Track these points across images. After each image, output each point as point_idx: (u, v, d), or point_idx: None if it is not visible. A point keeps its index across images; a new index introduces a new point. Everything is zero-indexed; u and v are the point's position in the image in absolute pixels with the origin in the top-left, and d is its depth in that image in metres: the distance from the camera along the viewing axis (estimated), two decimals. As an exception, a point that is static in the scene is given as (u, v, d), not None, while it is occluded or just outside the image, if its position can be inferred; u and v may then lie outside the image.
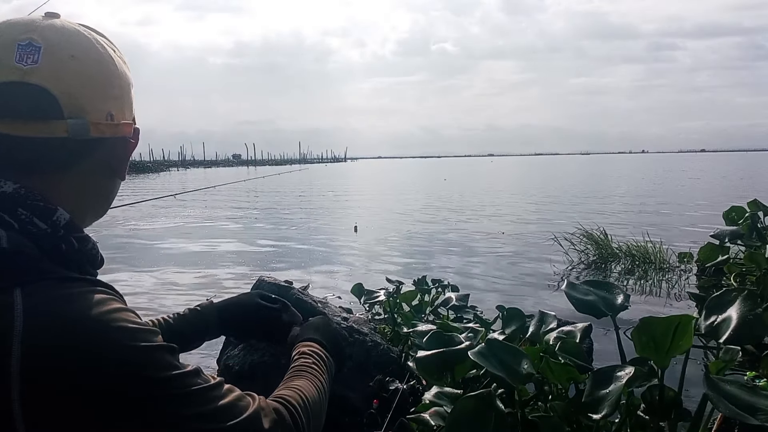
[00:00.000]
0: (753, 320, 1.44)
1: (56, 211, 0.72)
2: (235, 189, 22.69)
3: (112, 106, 0.77)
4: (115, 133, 0.77)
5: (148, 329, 0.68)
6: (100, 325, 0.64)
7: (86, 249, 0.76)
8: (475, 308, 3.37)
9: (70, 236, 0.73)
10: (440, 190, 22.36)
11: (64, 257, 0.71)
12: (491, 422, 1.44)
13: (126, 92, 0.80)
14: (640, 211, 11.98)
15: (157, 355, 0.67)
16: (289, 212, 14.27)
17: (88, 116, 0.73)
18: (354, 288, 3.87)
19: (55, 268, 0.68)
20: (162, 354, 0.67)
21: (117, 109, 0.78)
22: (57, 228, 0.72)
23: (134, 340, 0.65)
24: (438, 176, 39.70)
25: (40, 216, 0.71)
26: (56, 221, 0.72)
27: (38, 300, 0.63)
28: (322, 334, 1.06)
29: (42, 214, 0.71)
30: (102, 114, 0.75)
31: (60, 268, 0.69)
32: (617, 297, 1.75)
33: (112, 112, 0.76)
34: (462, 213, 12.94)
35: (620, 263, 6.29)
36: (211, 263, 7.06)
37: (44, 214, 0.71)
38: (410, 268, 6.42)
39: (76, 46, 0.75)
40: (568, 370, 1.58)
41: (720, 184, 22.70)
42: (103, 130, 0.75)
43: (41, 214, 0.71)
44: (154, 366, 0.66)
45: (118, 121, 0.77)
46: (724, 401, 1.22)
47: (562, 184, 26.46)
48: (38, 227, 0.70)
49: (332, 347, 1.05)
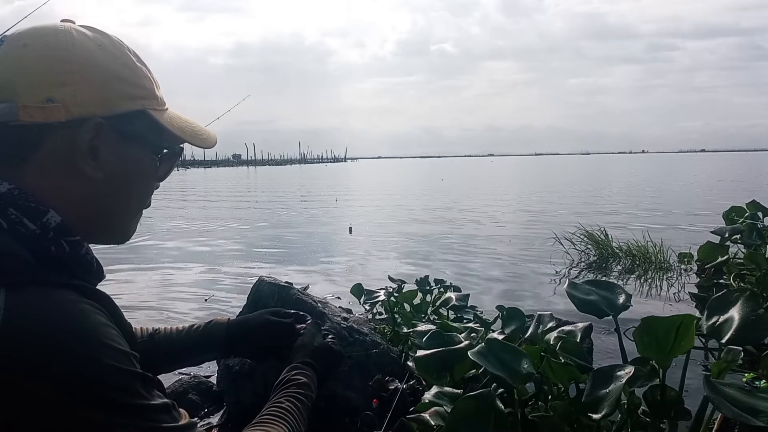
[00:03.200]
0: (755, 321, 1.44)
1: (47, 213, 0.71)
2: (236, 189, 22.69)
3: (56, 93, 0.72)
4: (47, 117, 0.71)
5: (124, 351, 0.65)
6: (73, 339, 0.61)
7: (79, 254, 0.74)
8: (475, 308, 3.36)
9: (60, 239, 0.71)
10: (439, 191, 22.35)
11: (54, 261, 0.70)
12: (491, 422, 1.43)
13: (93, 81, 0.75)
14: (639, 213, 11.97)
15: (127, 381, 0.64)
16: (289, 212, 14.27)
17: (21, 100, 0.70)
18: (354, 288, 3.86)
19: (45, 272, 0.66)
20: (133, 381, 0.65)
21: (65, 96, 0.72)
22: (46, 230, 0.70)
23: (106, 358, 0.63)
24: (438, 176, 39.68)
25: (30, 217, 0.69)
26: (46, 223, 0.70)
27: (21, 305, 0.61)
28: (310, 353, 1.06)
29: (32, 216, 0.69)
30: (37, 98, 0.71)
31: (51, 273, 0.67)
32: (619, 297, 1.75)
33: (53, 97, 0.72)
34: (460, 213, 12.93)
35: (620, 263, 6.29)
36: (210, 263, 7.05)
37: (34, 215, 0.70)
38: (409, 268, 6.42)
39: (33, 36, 0.74)
40: (569, 369, 1.57)
41: (717, 186, 22.70)
42: (33, 114, 0.71)
43: (31, 215, 0.69)
44: (122, 391, 0.63)
45: (59, 105, 0.72)
46: (725, 403, 1.21)
47: (562, 184, 26.46)
48: (27, 228, 0.69)
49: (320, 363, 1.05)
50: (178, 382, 3.01)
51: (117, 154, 0.79)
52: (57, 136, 0.73)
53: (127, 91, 0.79)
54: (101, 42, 0.78)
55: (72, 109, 0.73)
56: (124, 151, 0.80)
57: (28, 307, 0.62)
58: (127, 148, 0.80)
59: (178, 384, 2.98)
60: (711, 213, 10.01)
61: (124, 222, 0.85)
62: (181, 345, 1.11)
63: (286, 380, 0.99)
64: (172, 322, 4.41)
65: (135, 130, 0.80)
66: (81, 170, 0.75)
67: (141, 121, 0.81)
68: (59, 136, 0.73)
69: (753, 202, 5.54)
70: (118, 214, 0.83)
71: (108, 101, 0.76)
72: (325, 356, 1.07)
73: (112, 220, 0.83)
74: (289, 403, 0.94)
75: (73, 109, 0.73)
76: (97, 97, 0.75)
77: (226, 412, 2.70)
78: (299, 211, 14.67)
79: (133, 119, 0.80)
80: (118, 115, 0.77)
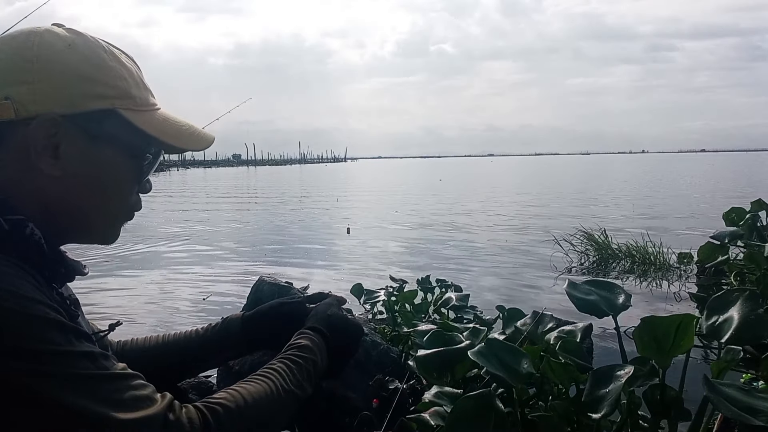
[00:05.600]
0: (755, 321, 1.44)
1: None
2: (235, 189, 22.68)
3: (14, 91, 0.74)
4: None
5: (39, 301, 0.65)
6: None
7: (22, 233, 0.72)
8: (475, 308, 3.36)
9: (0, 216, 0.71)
10: (438, 191, 22.34)
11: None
12: (491, 422, 1.43)
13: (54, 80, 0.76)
14: (639, 213, 11.97)
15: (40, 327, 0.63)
16: (288, 212, 14.27)
17: None
18: (354, 288, 3.86)
19: None
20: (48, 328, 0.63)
21: (23, 94, 0.74)
22: None
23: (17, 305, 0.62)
24: (437, 176, 39.66)
25: None
26: None
27: None
28: (320, 320, 1.02)
29: None
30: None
31: None
32: (619, 297, 1.75)
33: (10, 95, 0.73)
34: (459, 213, 12.93)
35: (620, 263, 6.29)
36: (210, 263, 7.05)
37: None
38: (408, 268, 6.41)
39: (7, 38, 0.77)
40: (569, 369, 1.57)
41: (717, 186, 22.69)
42: None
43: None
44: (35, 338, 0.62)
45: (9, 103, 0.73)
46: (725, 403, 1.21)
47: (562, 184, 26.45)
48: None
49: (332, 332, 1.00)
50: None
51: (83, 153, 0.79)
52: (16, 133, 0.75)
53: (92, 89, 0.78)
54: (72, 41, 0.79)
55: (29, 106, 0.74)
56: (92, 151, 0.79)
57: None
58: (96, 148, 0.80)
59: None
60: (711, 213, 10.01)
61: (102, 223, 0.85)
62: (202, 345, 1.10)
63: (288, 345, 0.96)
64: (172, 322, 4.42)
65: (105, 130, 0.80)
66: (37, 166, 0.76)
67: (111, 120, 0.80)
68: (18, 134, 0.75)
69: (758, 201, 5.52)
70: (94, 214, 0.82)
71: (69, 99, 0.76)
72: (338, 326, 1.02)
73: (87, 220, 0.82)
74: (281, 364, 0.90)
75: (30, 107, 0.74)
76: (57, 96, 0.76)
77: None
78: (299, 210, 14.66)
79: (102, 119, 0.79)
80: (84, 113, 0.77)
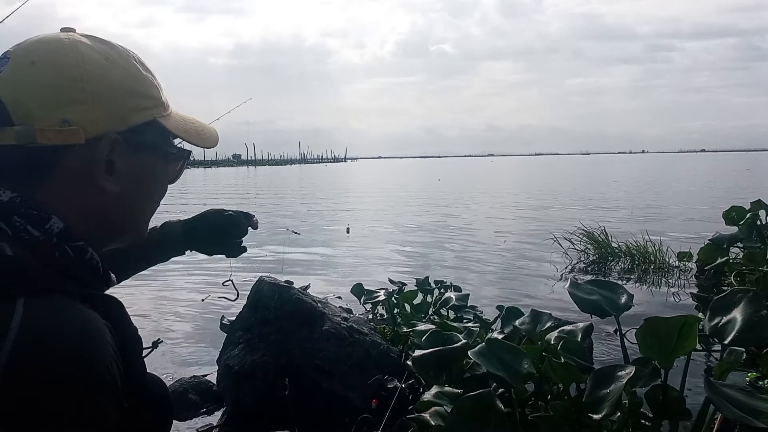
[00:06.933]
0: (758, 322, 1.44)
1: (50, 219, 0.71)
2: (235, 189, 22.67)
3: (70, 113, 0.72)
4: (65, 140, 0.71)
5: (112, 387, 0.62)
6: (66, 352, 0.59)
7: (84, 259, 0.73)
8: (475, 308, 3.36)
9: (64, 245, 0.71)
10: (437, 191, 22.34)
11: (59, 267, 0.69)
12: (491, 422, 1.43)
13: (105, 97, 0.75)
14: (638, 213, 11.96)
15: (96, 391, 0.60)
16: (288, 212, 14.26)
17: (36, 123, 0.70)
18: (354, 288, 3.86)
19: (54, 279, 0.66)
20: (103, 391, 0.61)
21: (80, 116, 0.72)
22: (50, 236, 0.70)
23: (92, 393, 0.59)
24: (437, 176, 39.64)
25: (33, 224, 0.69)
26: (49, 229, 0.70)
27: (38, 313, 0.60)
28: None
29: (35, 222, 0.69)
30: (53, 120, 0.71)
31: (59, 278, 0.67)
32: (621, 297, 1.74)
33: (68, 118, 0.72)
34: (459, 214, 12.92)
35: (620, 263, 6.28)
36: (209, 263, 7.04)
37: (38, 222, 0.70)
38: (407, 268, 6.42)
39: (41, 53, 0.74)
40: (570, 369, 1.57)
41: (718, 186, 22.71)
42: (50, 137, 0.70)
43: (35, 222, 0.69)
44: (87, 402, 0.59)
45: (77, 128, 0.72)
46: (726, 404, 1.21)
47: (562, 184, 26.45)
48: (31, 235, 0.69)
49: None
50: (178, 382, 3.01)
51: (131, 165, 0.79)
52: (73, 155, 0.73)
53: (137, 103, 0.79)
54: (108, 54, 0.78)
55: (88, 128, 0.73)
56: (137, 162, 0.80)
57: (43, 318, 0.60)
58: (139, 158, 0.81)
59: (178, 384, 2.97)
60: (711, 212, 10.00)
61: (141, 225, 0.88)
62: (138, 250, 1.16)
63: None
64: (171, 322, 4.41)
65: (147, 141, 0.81)
66: (99, 186, 0.76)
67: (152, 130, 0.81)
68: (76, 155, 0.73)
69: (758, 202, 5.51)
70: (136, 219, 0.85)
71: (121, 116, 0.77)
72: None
73: (129, 225, 0.84)
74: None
75: (89, 128, 0.73)
76: (110, 113, 0.76)
77: (226, 412, 2.70)
78: (299, 210, 14.65)
79: (144, 130, 0.80)
80: (131, 128, 0.78)
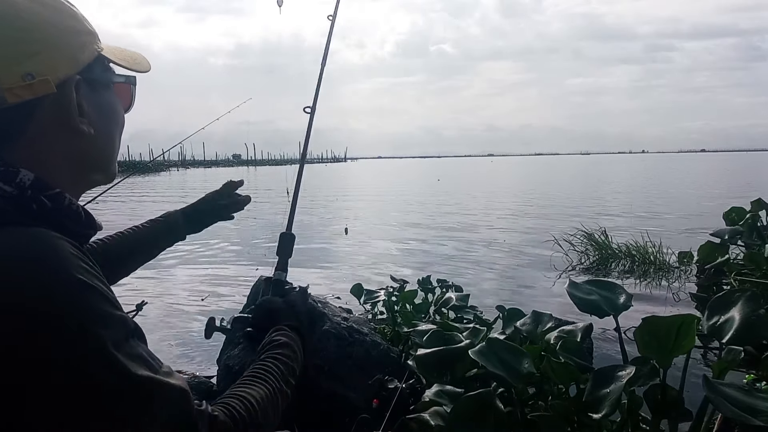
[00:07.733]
0: (756, 321, 1.44)
1: (18, 172, 0.70)
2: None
3: (30, 66, 0.70)
4: (36, 93, 0.70)
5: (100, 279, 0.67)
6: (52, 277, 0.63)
7: (63, 206, 0.73)
8: (475, 308, 3.36)
9: (39, 195, 0.71)
10: (436, 191, 22.34)
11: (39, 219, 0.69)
12: (491, 422, 1.43)
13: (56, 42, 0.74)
14: (638, 213, 11.97)
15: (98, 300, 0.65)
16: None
17: (1, 84, 0.68)
18: (354, 288, 3.86)
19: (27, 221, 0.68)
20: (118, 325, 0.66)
21: (40, 66, 0.71)
22: (23, 189, 0.70)
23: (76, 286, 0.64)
24: (436, 176, 39.63)
25: (3, 180, 0.69)
26: (20, 183, 0.70)
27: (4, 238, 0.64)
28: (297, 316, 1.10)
29: (5, 178, 0.69)
30: (16, 77, 0.69)
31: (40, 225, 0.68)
32: (620, 296, 1.75)
33: (30, 71, 0.70)
34: (459, 214, 12.92)
35: (620, 263, 6.28)
36: (209, 263, 7.05)
37: (7, 177, 0.69)
38: (407, 268, 6.42)
39: None
40: (570, 369, 1.57)
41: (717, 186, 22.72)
42: (20, 94, 0.69)
43: (5, 178, 0.69)
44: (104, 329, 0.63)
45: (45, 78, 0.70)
46: (725, 403, 1.21)
47: (562, 184, 26.45)
48: (4, 191, 0.68)
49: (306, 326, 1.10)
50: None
51: (94, 103, 0.80)
52: (41, 107, 0.73)
53: (82, 40, 0.79)
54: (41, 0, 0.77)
55: (51, 76, 0.72)
56: (98, 98, 0.81)
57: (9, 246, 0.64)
58: (99, 94, 0.82)
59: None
60: (710, 212, 10.00)
61: (114, 161, 0.88)
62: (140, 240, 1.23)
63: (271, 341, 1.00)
64: (170, 322, 4.41)
65: (100, 76, 0.82)
66: (75, 130, 0.76)
67: (100, 64, 0.82)
68: (43, 107, 0.73)
69: (758, 201, 5.51)
70: (109, 156, 0.85)
71: (74, 57, 0.76)
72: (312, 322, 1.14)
73: (105, 163, 0.85)
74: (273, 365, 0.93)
75: (52, 76, 0.72)
76: (66, 57, 0.75)
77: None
78: (299, 210, 14.61)
79: (94, 66, 0.80)
80: (85, 66, 0.78)
